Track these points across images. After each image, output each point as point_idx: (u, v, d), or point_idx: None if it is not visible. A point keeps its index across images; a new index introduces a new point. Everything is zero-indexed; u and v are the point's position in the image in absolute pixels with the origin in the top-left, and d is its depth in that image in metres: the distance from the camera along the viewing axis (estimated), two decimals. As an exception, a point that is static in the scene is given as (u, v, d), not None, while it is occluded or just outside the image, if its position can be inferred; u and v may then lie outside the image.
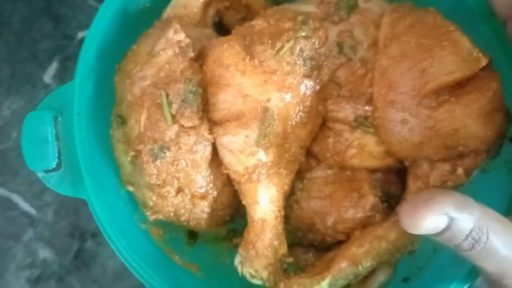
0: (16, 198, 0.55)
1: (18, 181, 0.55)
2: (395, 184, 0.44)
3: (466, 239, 0.29)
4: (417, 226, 0.28)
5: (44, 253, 0.54)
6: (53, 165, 0.38)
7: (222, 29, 0.47)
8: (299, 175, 0.42)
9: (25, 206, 0.55)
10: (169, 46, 0.38)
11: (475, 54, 0.37)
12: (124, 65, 0.40)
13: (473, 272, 0.38)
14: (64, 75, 0.59)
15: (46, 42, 0.59)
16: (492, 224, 0.29)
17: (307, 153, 0.42)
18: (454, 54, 0.36)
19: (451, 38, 0.37)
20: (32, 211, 0.55)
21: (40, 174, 0.38)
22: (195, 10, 0.43)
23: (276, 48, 0.37)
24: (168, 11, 0.43)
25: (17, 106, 0.58)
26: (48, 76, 0.58)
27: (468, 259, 0.31)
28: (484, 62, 0.37)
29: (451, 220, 0.28)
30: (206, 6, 0.44)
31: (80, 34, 0.60)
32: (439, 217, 0.28)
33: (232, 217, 0.43)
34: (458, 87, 0.37)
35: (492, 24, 0.42)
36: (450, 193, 0.29)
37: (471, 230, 0.29)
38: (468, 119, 0.36)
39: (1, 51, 0.59)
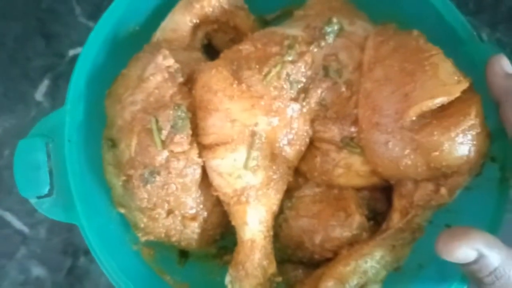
0: (9, 217, 0.55)
1: (11, 200, 0.56)
2: (381, 201, 0.45)
3: (490, 275, 0.32)
4: (450, 253, 0.32)
5: (37, 271, 0.54)
6: (45, 191, 0.38)
7: (211, 50, 0.47)
8: (288, 193, 0.43)
9: (17, 224, 0.55)
10: (158, 71, 0.39)
11: (456, 78, 0.38)
12: (115, 89, 0.41)
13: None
14: (56, 92, 0.59)
15: (38, 60, 0.60)
16: None
17: (295, 172, 0.43)
18: (436, 79, 0.37)
19: (432, 62, 0.38)
20: (25, 229, 0.55)
21: (33, 200, 0.38)
22: (184, 33, 0.44)
23: (263, 73, 0.38)
24: (158, 35, 0.44)
25: (9, 124, 0.58)
26: (39, 94, 0.59)
27: None
28: (464, 85, 0.38)
29: (480, 255, 0.32)
30: (195, 29, 0.44)
31: (71, 52, 0.60)
32: (471, 250, 0.32)
33: (222, 236, 0.44)
34: (440, 110, 0.38)
35: (474, 44, 0.43)
36: (484, 232, 0.33)
37: (496, 268, 0.32)
38: (450, 142, 0.37)
39: (-7, 71, 0.60)
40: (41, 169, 0.38)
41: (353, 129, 0.40)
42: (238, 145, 0.38)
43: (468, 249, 0.32)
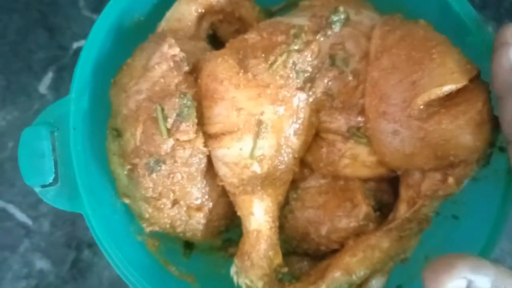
0: (12, 209, 0.55)
1: (14, 192, 0.56)
2: (387, 192, 0.45)
3: None
4: None
5: (41, 264, 0.54)
6: (50, 180, 0.38)
7: (216, 41, 0.47)
8: (293, 184, 0.43)
9: (21, 216, 0.55)
10: (163, 60, 0.38)
11: (464, 66, 0.37)
12: (119, 79, 0.41)
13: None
14: (59, 85, 0.59)
15: (41, 53, 0.60)
16: (507, 281, 0.31)
17: (300, 163, 0.42)
18: (443, 67, 0.37)
19: (440, 50, 0.38)
20: (28, 222, 0.55)
21: (37, 189, 0.38)
22: (189, 23, 0.43)
23: (269, 62, 0.38)
24: (163, 25, 0.43)
25: (12, 116, 0.58)
26: (43, 86, 0.59)
27: None
28: (472, 74, 0.37)
29: (469, 282, 0.31)
30: (200, 19, 0.44)
31: (75, 45, 0.60)
32: (459, 280, 0.30)
33: (228, 227, 0.44)
34: (447, 99, 0.37)
35: (481, 34, 0.43)
36: (466, 257, 0.32)
37: None
38: (458, 130, 0.37)
39: (-4, 63, 0.59)
40: (45, 157, 0.38)
41: (359, 118, 0.40)
42: (244, 134, 0.37)
43: (456, 280, 0.30)
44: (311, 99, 0.40)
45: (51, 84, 0.59)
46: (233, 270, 0.40)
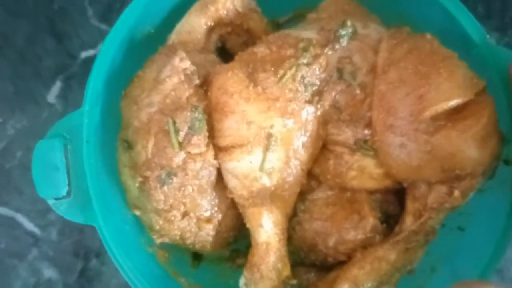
0: (20, 218, 0.55)
1: (22, 201, 0.56)
2: (394, 204, 0.45)
3: None
4: None
5: (49, 272, 0.54)
6: (64, 192, 0.38)
7: (224, 53, 0.48)
8: (301, 196, 0.43)
9: (29, 225, 0.55)
10: (174, 73, 0.39)
11: (470, 80, 0.38)
12: (130, 91, 0.41)
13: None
14: (68, 94, 0.59)
15: (50, 60, 0.60)
16: None
17: (308, 175, 0.43)
18: (450, 81, 0.37)
19: (447, 65, 0.38)
20: (36, 231, 0.55)
21: (51, 202, 0.38)
22: (199, 36, 0.44)
23: (278, 76, 0.39)
24: (173, 37, 0.44)
25: (21, 125, 0.58)
26: (51, 96, 0.59)
27: None
28: (479, 88, 0.38)
29: None
30: (209, 32, 0.45)
31: (83, 54, 0.60)
32: None
33: (235, 238, 0.44)
34: (454, 112, 0.38)
35: (486, 47, 0.43)
36: (488, 283, 0.32)
37: None
38: (464, 144, 0.37)
39: (4, 69, 0.59)
40: (59, 170, 0.38)
41: (366, 131, 0.41)
42: (254, 147, 0.38)
43: None
44: (319, 112, 0.40)
45: (60, 93, 0.59)
46: (242, 281, 0.40)
